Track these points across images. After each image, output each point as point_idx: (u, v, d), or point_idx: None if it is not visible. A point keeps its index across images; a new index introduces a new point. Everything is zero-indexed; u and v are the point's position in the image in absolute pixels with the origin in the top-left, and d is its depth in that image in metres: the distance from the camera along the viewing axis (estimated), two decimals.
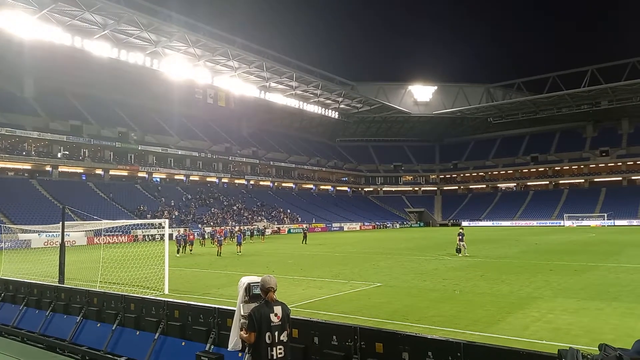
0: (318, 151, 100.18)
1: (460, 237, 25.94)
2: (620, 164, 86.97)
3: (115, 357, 7.72)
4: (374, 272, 19.38)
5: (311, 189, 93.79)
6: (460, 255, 25.32)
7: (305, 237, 41.73)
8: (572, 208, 78.53)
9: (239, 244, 30.31)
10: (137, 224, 44.15)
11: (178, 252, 29.92)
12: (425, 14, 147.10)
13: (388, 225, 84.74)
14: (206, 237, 44.73)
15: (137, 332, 7.76)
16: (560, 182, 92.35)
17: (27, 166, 56.65)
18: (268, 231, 59.42)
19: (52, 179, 57.21)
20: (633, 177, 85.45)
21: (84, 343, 8.45)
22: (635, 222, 71.68)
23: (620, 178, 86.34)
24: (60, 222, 15.53)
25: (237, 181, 79.82)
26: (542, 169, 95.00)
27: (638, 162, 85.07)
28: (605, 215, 72.93)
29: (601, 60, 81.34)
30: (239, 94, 73.35)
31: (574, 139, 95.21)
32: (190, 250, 31.33)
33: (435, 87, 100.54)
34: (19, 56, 53.55)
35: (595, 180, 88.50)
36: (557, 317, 10.66)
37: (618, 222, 71.26)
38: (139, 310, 7.94)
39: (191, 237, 32.45)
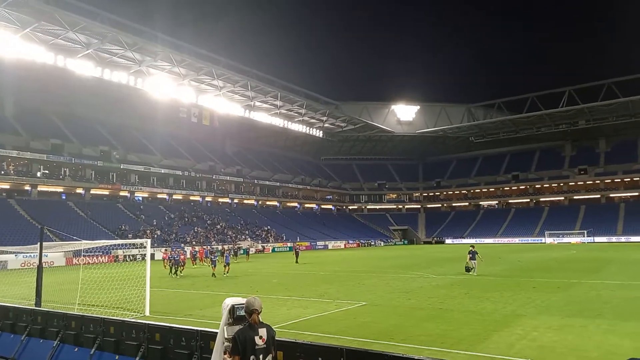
0: (302, 169, 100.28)
1: (471, 255, 25.21)
2: (598, 181, 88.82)
3: None
4: (359, 291, 19.27)
5: (296, 207, 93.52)
6: (470, 274, 24.63)
7: (297, 255, 39.79)
8: (553, 225, 79.68)
9: (227, 264, 29.10)
10: (118, 244, 43.36)
11: (175, 273, 28.85)
12: (407, 36, 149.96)
13: (372, 244, 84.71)
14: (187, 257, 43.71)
15: (117, 357, 7.53)
16: (541, 199, 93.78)
17: (6, 185, 55.38)
18: (252, 250, 58.80)
19: (31, 198, 55.99)
20: (611, 195, 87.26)
21: None
22: (614, 239, 72.91)
23: (598, 195, 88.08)
24: (39, 243, 15.15)
25: (221, 200, 79.22)
26: (523, 187, 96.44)
27: (616, 180, 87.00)
28: (585, 232, 74.07)
29: (578, 81, 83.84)
30: (223, 112, 73.32)
31: (553, 157, 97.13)
32: (178, 272, 29.34)
33: (418, 107, 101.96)
34: None
35: (575, 197, 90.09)
36: (542, 334, 10.70)
37: (598, 239, 72.40)
38: (118, 333, 7.72)
39: (182, 256, 30.95)
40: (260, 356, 4.52)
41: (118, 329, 7.78)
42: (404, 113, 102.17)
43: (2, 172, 54.62)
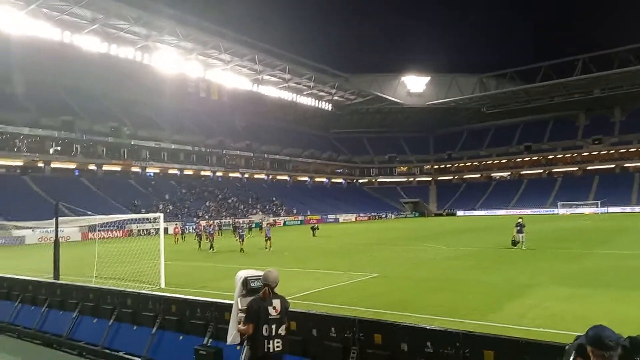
0: (312, 143, 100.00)
1: (519, 228, 22.85)
2: (612, 151, 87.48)
3: (113, 352, 7.70)
4: (371, 263, 19.44)
5: (306, 181, 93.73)
6: (517, 248, 22.44)
7: (313, 230, 39.69)
8: (566, 196, 79.00)
9: (269, 238, 27.59)
10: (132, 219, 44.00)
11: (210, 247, 28.18)
12: (417, 4, 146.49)
13: (383, 216, 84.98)
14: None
15: (134, 327, 7.74)
16: (554, 170, 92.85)
17: (19, 162, 56.15)
18: (264, 224, 59.30)
19: (44, 175, 56.77)
20: (625, 165, 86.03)
21: (81, 338, 8.43)
22: (628, 209, 72.26)
23: (613, 165, 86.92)
24: (54, 218, 15.43)
25: (231, 174, 79.62)
26: (536, 158, 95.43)
27: (630, 150, 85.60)
28: (599, 202, 73.45)
29: (592, 49, 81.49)
30: (231, 86, 72.90)
31: (566, 127, 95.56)
32: (212, 245, 28.16)
33: (429, 78, 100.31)
34: (7, 51, 52.58)
35: (589, 168, 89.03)
36: (553, 304, 10.75)
37: (611, 209, 71.81)
38: (135, 305, 7.91)
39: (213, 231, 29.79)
40: (273, 326, 4.59)
41: (135, 301, 7.96)
42: (414, 84, 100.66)
43: (15, 149, 55.31)
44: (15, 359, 8.25)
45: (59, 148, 59.71)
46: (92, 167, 62.56)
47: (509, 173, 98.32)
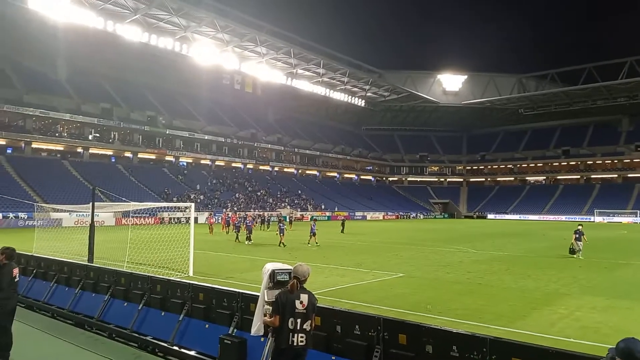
0: (343, 139, 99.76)
1: (577, 235, 21.80)
2: None
3: (141, 336, 7.89)
4: (397, 263, 19.28)
5: (335, 177, 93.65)
6: (575, 257, 21.40)
7: (343, 225, 40.13)
8: (604, 204, 76.21)
9: (314, 234, 26.72)
10: (164, 207, 45.06)
11: (248, 239, 28.01)
12: (455, 1, 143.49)
13: (412, 216, 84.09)
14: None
15: (163, 313, 7.91)
16: (592, 176, 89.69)
17: (60, 147, 58.25)
18: (292, 218, 59.55)
19: (83, 160, 58.74)
20: None
21: (111, 321, 8.68)
22: None
23: None
24: (91, 203, 15.93)
25: (261, 167, 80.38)
26: (574, 163, 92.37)
27: None
28: (638, 212, 70.59)
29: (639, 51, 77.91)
30: (265, 80, 73.40)
31: (608, 132, 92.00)
32: (250, 237, 28.00)
33: (465, 77, 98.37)
34: (52, 38, 54.63)
35: (629, 175, 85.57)
36: (585, 315, 10.40)
37: None
38: (164, 291, 8.08)
39: (252, 223, 29.78)
40: (299, 320, 4.61)
41: (164, 287, 8.14)
42: (450, 83, 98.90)
43: (57, 134, 57.43)
44: (48, 338, 8.57)
45: (97, 135, 61.63)
46: (128, 154, 64.31)
47: (545, 177, 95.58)
